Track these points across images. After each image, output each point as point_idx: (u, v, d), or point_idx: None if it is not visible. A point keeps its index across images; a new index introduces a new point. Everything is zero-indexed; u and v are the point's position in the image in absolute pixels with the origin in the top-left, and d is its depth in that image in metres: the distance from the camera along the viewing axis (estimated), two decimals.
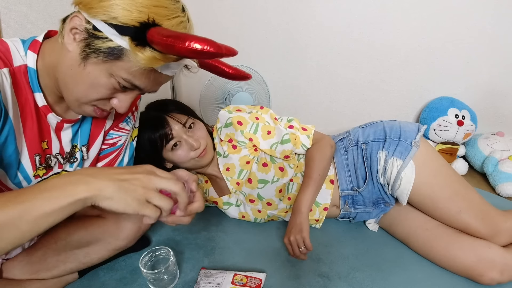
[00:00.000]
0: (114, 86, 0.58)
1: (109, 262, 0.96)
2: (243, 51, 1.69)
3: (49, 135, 0.69)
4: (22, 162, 0.66)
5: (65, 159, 0.75)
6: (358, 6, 1.53)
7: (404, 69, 1.62)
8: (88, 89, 0.59)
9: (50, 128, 0.69)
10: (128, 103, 0.63)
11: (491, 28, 1.48)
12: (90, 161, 0.81)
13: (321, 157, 1.00)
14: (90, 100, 0.61)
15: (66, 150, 0.74)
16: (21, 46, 0.63)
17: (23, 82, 0.62)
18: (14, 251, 0.84)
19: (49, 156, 0.71)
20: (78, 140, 0.76)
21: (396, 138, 0.98)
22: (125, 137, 0.86)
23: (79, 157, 0.77)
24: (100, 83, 0.58)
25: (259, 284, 0.85)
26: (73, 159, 0.77)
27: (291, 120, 1.06)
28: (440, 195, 0.93)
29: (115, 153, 0.85)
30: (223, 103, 1.64)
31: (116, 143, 0.85)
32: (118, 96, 0.62)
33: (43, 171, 0.71)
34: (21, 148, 0.64)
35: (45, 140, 0.69)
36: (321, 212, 1.06)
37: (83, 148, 0.78)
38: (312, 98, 1.76)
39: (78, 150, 0.77)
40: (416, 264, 0.96)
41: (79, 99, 0.61)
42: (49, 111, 0.66)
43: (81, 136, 0.76)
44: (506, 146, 1.47)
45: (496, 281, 0.84)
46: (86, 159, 0.80)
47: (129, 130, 0.86)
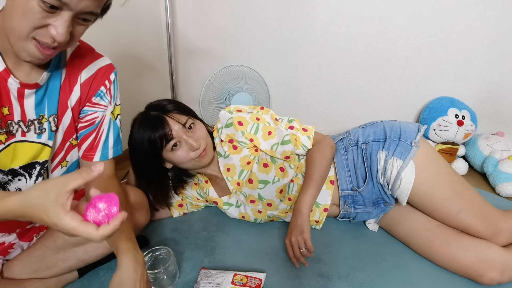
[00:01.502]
0: (41, 7, 0.57)
1: (109, 262, 0.96)
2: (243, 51, 1.71)
3: (10, 100, 0.69)
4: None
5: (28, 126, 0.73)
6: (358, 6, 1.53)
7: (404, 69, 1.62)
8: (21, 19, 0.58)
9: (11, 94, 0.68)
10: (64, 28, 0.60)
11: (491, 28, 1.48)
12: (62, 134, 0.79)
13: (321, 158, 1.00)
14: (27, 31, 0.60)
15: (29, 118, 0.73)
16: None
17: None
18: (13, 253, 0.84)
19: (10, 122, 0.70)
20: (45, 110, 0.75)
21: (396, 138, 0.98)
22: (101, 113, 0.83)
23: (47, 127, 0.75)
24: (28, 8, 0.58)
25: (259, 284, 0.85)
26: (40, 130, 0.75)
27: (291, 121, 1.06)
28: (440, 195, 0.93)
29: (95, 133, 0.83)
30: (223, 103, 1.64)
31: (94, 121, 0.83)
32: (52, 22, 0.60)
33: (4, 136, 0.69)
34: None
35: (6, 106, 0.68)
36: (321, 213, 1.06)
37: (51, 118, 0.76)
38: (312, 98, 1.76)
39: (46, 120, 0.75)
40: (416, 264, 0.96)
41: (18, 35, 0.60)
42: (8, 75, 0.66)
43: (49, 105, 0.75)
44: (506, 146, 1.47)
45: (496, 281, 0.85)
46: (55, 131, 0.78)
47: (105, 105, 0.83)
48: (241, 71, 1.65)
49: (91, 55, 0.80)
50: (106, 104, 0.84)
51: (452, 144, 1.53)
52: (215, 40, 1.72)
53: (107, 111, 0.84)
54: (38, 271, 0.83)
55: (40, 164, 0.77)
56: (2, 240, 0.80)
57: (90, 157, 0.84)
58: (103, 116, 0.84)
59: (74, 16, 0.61)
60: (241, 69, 1.65)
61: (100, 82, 0.82)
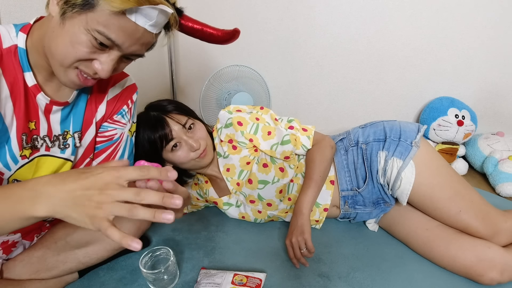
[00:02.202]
0: (91, 43, 0.58)
1: (109, 262, 0.96)
2: (243, 51, 1.70)
3: (37, 115, 0.69)
4: (10, 140, 0.66)
5: (53, 142, 0.73)
6: (358, 6, 1.53)
7: (404, 69, 1.62)
8: (68, 48, 0.59)
9: (39, 109, 0.69)
10: (109, 65, 0.61)
11: (491, 28, 1.48)
12: (83, 150, 0.80)
13: (321, 158, 1.00)
14: (71, 61, 0.60)
15: (54, 133, 0.73)
16: (13, 29, 0.64)
17: (13, 62, 0.63)
18: (15, 251, 0.84)
19: (35, 137, 0.70)
20: (71, 126, 0.76)
21: (396, 138, 0.98)
22: (120, 131, 0.85)
23: (71, 143, 0.76)
24: (78, 40, 0.58)
25: (259, 284, 0.85)
26: (64, 145, 0.76)
27: (291, 121, 1.06)
28: (440, 195, 0.93)
29: (111, 148, 0.84)
30: (223, 103, 1.64)
31: (112, 137, 0.84)
32: (99, 58, 0.61)
33: (29, 151, 0.70)
34: (10, 127, 0.65)
35: (33, 120, 0.69)
36: (321, 213, 1.06)
37: (76, 134, 0.77)
38: (312, 98, 1.76)
39: (70, 136, 0.76)
40: (416, 264, 0.96)
41: (61, 61, 0.61)
42: (38, 91, 0.66)
43: (74, 122, 0.76)
44: (506, 146, 1.47)
45: (496, 281, 0.85)
46: (79, 147, 0.79)
47: (124, 123, 0.85)
48: (241, 71, 1.65)
49: (119, 74, 0.81)
50: (126, 122, 0.86)
51: (452, 144, 1.53)
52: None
53: (125, 129, 0.86)
54: (38, 272, 0.83)
55: None
56: (7, 239, 0.80)
57: None
58: (122, 133, 0.86)
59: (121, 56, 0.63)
60: (241, 69, 1.65)
61: (124, 101, 0.84)
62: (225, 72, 1.64)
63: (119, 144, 0.86)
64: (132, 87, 0.86)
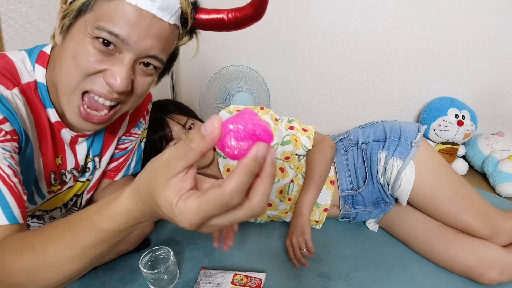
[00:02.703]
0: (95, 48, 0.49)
1: (109, 262, 0.96)
2: (243, 51, 1.70)
3: (63, 150, 0.66)
4: (37, 178, 0.64)
5: (80, 172, 0.72)
6: (358, 6, 1.53)
7: (404, 69, 1.62)
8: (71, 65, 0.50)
9: (64, 143, 0.65)
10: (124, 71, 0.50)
11: (491, 28, 1.48)
12: (101, 170, 0.79)
13: (322, 158, 1.00)
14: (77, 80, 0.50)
15: (81, 164, 0.71)
16: (28, 60, 0.58)
17: (34, 99, 0.58)
18: None
19: (63, 171, 0.68)
20: (91, 151, 0.73)
21: (396, 138, 0.98)
22: (135, 142, 0.85)
23: (91, 167, 0.75)
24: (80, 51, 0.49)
25: (259, 284, 0.85)
26: (85, 169, 0.75)
27: (291, 121, 1.06)
28: (440, 195, 0.93)
29: (124, 157, 0.85)
30: (223, 103, 1.64)
31: (127, 147, 0.84)
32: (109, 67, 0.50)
33: (58, 187, 0.69)
34: (38, 167, 0.62)
35: (59, 156, 0.66)
36: (321, 213, 1.06)
37: (96, 158, 0.75)
38: (312, 98, 1.76)
39: (90, 160, 0.74)
40: (416, 264, 0.96)
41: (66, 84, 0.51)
42: (62, 126, 0.62)
43: (94, 147, 0.73)
44: (506, 146, 1.47)
45: (496, 281, 0.85)
46: (98, 168, 0.78)
47: (139, 134, 0.85)
48: (241, 71, 1.65)
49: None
50: (140, 132, 0.85)
51: (452, 144, 1.53)
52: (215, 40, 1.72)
53: (139, 138, 0.86)
54: None
55: (77, 196, 0.78)
56: None
57: (112, 176, 0.86)
58: (136, 143, 0.85)
59: (136, 61, 0.52)
60: (241, 69, 1.64)
61: (141, 113, 0.81)
62: (225, 72, 1.64)
63: (130, 154, 0.86)
64: (148, 97, 0.82)
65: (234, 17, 0.61)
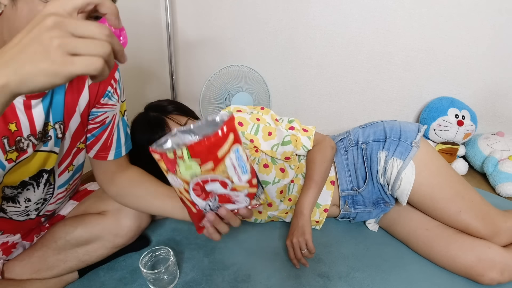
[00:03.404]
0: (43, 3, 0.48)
1: (109, 262, 0.96)
2: (243, 51, 1.71)
3: (16, 116, 0.64)
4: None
5: (38, 139, 0.69)
6: (358, 6, 1.53)
7: (404, 69, 1.62)
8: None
9: (16, 108, 0.63)
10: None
11: (491, 28, 1.48)
12: (68, 141, 0.76)
13: (322, 158, 1.00)
14: None
15: (38, 130, 0.68)
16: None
17: None
18: (15, 252, 0.84)
19: (19, 138, 0.65)
20: (50, 116, 0.70)
21: (396, 138, 0.98)
22: (111, 113, 0.81)
23: (52, 135, 0.71)
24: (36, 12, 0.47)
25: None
26: (46, 137, 0.71)
27: (292, 121, 1.06)
28: (440, 196, 0.93)
29: (106, 133, 0.81)
30: (223, 103, 1.64)
31: (104, 121, 0.80)
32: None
33: (15, 153, 0.66)
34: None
35: (13, 121, 0.63)
36: (321, 214, 1.06)
37: (57, 125, 0.72)
38: (312, 98, 1.76)
39: (51, 127, 0.71)
40: (416, 264, 0.96)
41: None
42: None
43: (54, 112, 0.70)
44: (506, 146, 1.47)
45: (496, 281, 0.85)
46: (63, 139, 0.74)
47: (113, 104, 0.81)
48: (241, 71, 1.65)
49: None
50: (114, 103, 0.81)
51: (452, 144, 1.53)
52: (215, 40, 1.72)
53: (116, 110, 0.82)
54: (38, 272, 0.83)
55: (47, 172, 0.76)
56: (6, 240, 0.80)
57: (104, 156, 0.82)
58: (113, 115, 0.82)
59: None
60: (241, 69, 1.65)
61: (107, 82, 0.78)
62: (225, 72, 1.64)
63: (113, 127, 0.82)
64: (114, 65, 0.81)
65: None
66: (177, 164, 0.49)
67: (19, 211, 0.76)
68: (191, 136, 0.52)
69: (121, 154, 0.85)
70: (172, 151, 0.48)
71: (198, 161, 0.48)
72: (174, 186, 0.55)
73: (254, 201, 0.59)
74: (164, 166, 0.52)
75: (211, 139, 0.46)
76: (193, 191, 0.53)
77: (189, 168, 0.49)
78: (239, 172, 0.52)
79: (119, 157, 0.84)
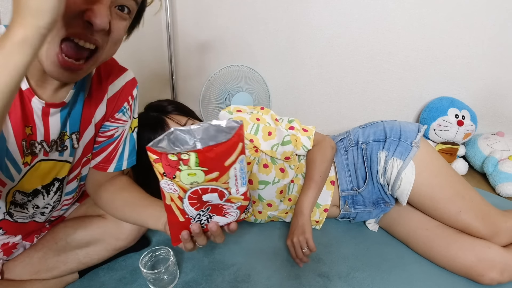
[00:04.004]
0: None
1: (109, 262, 0.96)
2: (243, 51, 1.71)
3: (33, 120, 0.65)
4: (8, 149, 0.62)
5: (51, 147, 0.70)
6: (358, 6, 1.53)
7: (404, 69, 1.62)
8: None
9: (34, 113, 0.64)
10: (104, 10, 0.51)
11: (491, 28, 1.48)
12: (81, 150, 0.77)
13: (322, 158, 1.00)
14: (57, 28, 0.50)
15: (52, 138, 0.69)
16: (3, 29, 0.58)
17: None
18: (16, 253, 0.84)
19: (33, 142, 0.66)
20: (67, 127, 0.72)
21: (396, 139, 0.98)
22: (122, 128, 0.82)
23: (68, 145, 0.73)
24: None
25: None
26: (62, 147, 0.72)
27: (292, 121, 1.06)
28: (440, 196, 0.93)
29: (112, 145, 0.82)
30: (223, 103, 1.64)
31: (113, 135, 0.81)
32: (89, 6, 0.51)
33: (29, 157, 0.67)
34: (7, 134, 0.61)
35: (30, 125, 0.65)
36: (321, 214, 1.06)
37: (73, 135, 0.73)
38: (312, 98, 1.76)
39: (68, 137, 0.72)
40: (416, 264, 0.96)
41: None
42: (32, 95, 0.62)
43: (71, 122, 0.72)
44: (506, 146, 1.47)
45: (496, 281, 0.85)
46: (76, 148, 0.75)
47: (126, 120, 0.82)
48: (241, 71, 1.65)
49: (117, 69, 0.77)
50: (127, 119, 0.82)
51: (452, 144, 1.53)
52: (215, 40, 1.72)
53: (126, 126, 0.83)
54: (38, 273, 0.83)
55: (59, 181, 0.76)
56: (7, 241, 0.80)
57: (104, 168, 0.83)
58: (122, 130, 0.83)
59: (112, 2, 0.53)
60: (241, 69, 1.65)
61: (124, 98, 0.80)
62: (225, 72, 1.64)
63: (119, 142, 0.83)
64: (132, 82, 0.81)
65: None
66: (178, 169, 0.45)
67: (25, 216, 0.77)
68: (190, 137, 0.48)
69: (121, 168, 0.85)
70: (175, 154, 0.43)
71: (205, 169, 0.45)
72: (165, 191, 0.51)
73: (243, 214, 0.57)
74: (160, 169, 0.47)
75: (221, 147, 0.43)
76: (188, 200, 0.50)
77: (192, 175, 0.45)
78: (239, 183, 0.49)
79: (119, 170, 0.85)
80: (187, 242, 0.59)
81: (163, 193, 0.52)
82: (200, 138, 0.48)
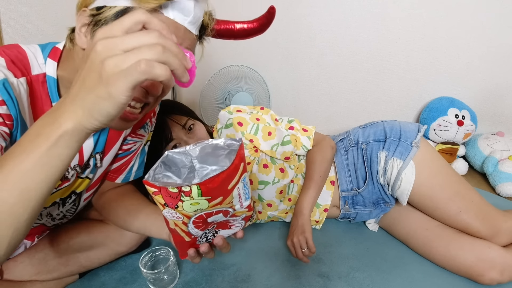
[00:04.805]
0: None
1: (109, 263, 0.96)
2: (243, 51, 1.70)
3: None
4: None
5: (82, 169, 0.71)
6: (358, 6, 1.53)
7: (404, 69, 1.62)
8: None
9: None
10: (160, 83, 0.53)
11: (491, 28, 1.48)
12: (103, 169, 0.78)
13: (322, 158, 1.00)
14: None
15: (85, 160, 0.70)
16: (40, 53, 0.59)
17: (40, 92, 0.58)
18: (16, 251, 0.84)
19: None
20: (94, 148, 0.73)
21: (396, 139, 0.98)
22: (140, 143, 0.84)
23: (92, 164, 0.74)
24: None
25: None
26: (85, 166, 0.73)
27: (291, 121, 1.06)
28: (440, 196, 0.93)
29: (126, 158, 0.83)
30: (223, 103, 1.64)
31: (130, 148, 0.82)
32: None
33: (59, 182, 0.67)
34: None
35: None
36: (321, 213, 1.06)
37: (97, 155, 0.74)
38: (312, 98, 1.76)
39: (92, 157, 0.73)
40: (416, 264, 0.96)
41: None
42: None
43: (98, 144, 0.73)
44: (506, 146, 1.47)
45: (496, 281, 0.85)
46: (99, 167, 0.76)
47: (144, 136, 0.84)
48: (241, 71, 1.65)
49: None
50: (145, 134, 0.83)
51: (452, 144, 1.53)
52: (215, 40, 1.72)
53: (144, 140, 0.84)
54: (39, 274, 0.83)
55: (76, 194, 0.77)
56: None
57: (113, 178, 0.84)
58: (140, 145, 0.84)
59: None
60: (241, 69, 1.64)
61: (148, 114, 0.80)
62: (225, 72, 1.64)
63: (133, 156, 0.84)
64: None
65: (242, 29, 0.72)
66: (180, 200, 0.43)
67: (37, 223, 0.77)
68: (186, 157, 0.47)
69: (129, 179, 0.86)
70: (175, 187, 0.42)
71: (208, 198, 0.44)
72: (168, 219, 0.49)
73: (248, 222, 0.57)
74: (161, 200, 0.45)
75: (223, 175, 0.42)
76: (192, 224, 0.49)
77: (195, 204, 0.44)
78: (243, 199, 0.49)
79: (126, 181, 0.85)
80: (195, 258, 0.59)
81: (166, 220, 0.50)
82: (197, 156, 0.47)
